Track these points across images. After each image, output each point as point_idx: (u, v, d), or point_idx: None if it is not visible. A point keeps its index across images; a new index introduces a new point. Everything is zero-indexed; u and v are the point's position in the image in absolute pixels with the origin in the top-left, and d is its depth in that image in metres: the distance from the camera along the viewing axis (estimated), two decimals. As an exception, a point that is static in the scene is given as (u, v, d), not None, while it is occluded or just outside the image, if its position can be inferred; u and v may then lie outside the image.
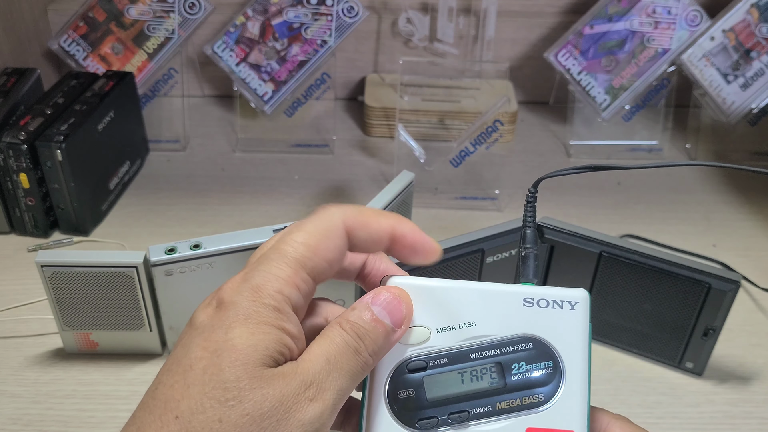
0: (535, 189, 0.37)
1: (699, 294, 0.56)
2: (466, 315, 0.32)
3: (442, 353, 0.31)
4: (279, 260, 0.30)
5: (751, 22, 0.84)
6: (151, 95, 0.89)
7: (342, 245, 0.31)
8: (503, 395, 0.31)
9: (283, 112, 0.90)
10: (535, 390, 0.31)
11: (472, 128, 0.80)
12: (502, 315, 0.32)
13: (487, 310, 0.32)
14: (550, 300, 0.32)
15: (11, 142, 0.69)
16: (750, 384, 0.61)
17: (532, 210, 0.37)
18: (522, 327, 0.32)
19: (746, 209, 0.82)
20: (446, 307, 0.32)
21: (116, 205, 0.80)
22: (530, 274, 0.35)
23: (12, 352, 0.61)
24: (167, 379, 0.28)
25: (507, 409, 0.31)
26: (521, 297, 0.32)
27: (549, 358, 0.31)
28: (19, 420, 0.56)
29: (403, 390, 0.31)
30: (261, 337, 0.28)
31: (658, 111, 0.91)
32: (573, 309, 0.32)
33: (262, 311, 0.29)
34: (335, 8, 0.85)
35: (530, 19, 0.96)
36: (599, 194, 0.84)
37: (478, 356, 0.31)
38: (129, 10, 0.86)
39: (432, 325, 0.32)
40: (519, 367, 0.31)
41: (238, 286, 0.29)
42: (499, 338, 0.31)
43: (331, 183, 0.85)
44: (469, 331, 0.32)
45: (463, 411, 0.31)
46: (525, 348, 0.32)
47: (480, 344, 0.31)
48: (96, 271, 0.55)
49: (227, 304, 0.29)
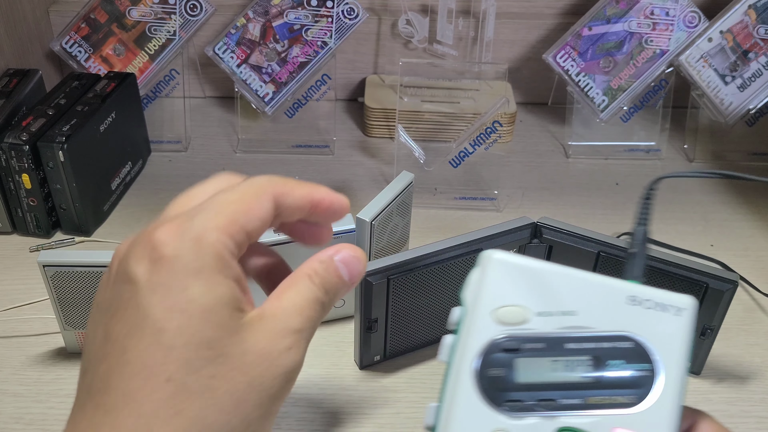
0: (653, 187, 0.35)
1: (697, 294, 0.56)
2: (569, 303, 0.31)
3: (539, 337, 0.31)
4: (211, 210, 0.30)
5: (749, 23, 0.84)
6: (152, 96, 0.90)
7: (270, 208, 0.32)
8: (595, 390, 0.30)
9: (284, 113, 0.90)
10: (628, 390, 0.30)
11: (472, 129, 0.81)
12: (605, 309, 0.31)
13: (590, 301, 0.31)
14: (657, 302, 0.31)
15: (13, 143, 0.69)
16: (747, 383, 0.61)
17: (646, 207, 0.35)
18: (623, 325, 0.31)
19: (744, 209, 0.83)
20: (549, 291, 0.31)
21: (118, 206, 0.81)
22: (638, 272, 0.34)
23: (14, 352, 0.62)
24: (136, 343, 0.28)
25: (596, 405, 0.30)
26: (627, 294, 0.31)
27: (646, 360, 0.30)
28: (21, 419, 0.56)
29: (494, 368, 0.30)
30: (220, 290, 0.29)
31: (656, 112, 0.91)
32: (678, 315, 0.31)
33: (211, 263, 0.29)
34: (335, 10, 0.85)
35: (529, 20, 0.97)
36: (598, 194, 0.85)
37: (574, 347, 0.31)
38: (130, 11, 0.86)
39: (533, 308, 0.31)
40: (615, 364, 0.30)
41: (177, 237, 0.29)
42: (599, 332, 0.31)
43: (331, 183, 0.86)
44: (569, 320, 0.31)
45: (552, 399, 0.30)
46: (623, 347, 0.31)
47: (578, 335, 0.31)
48: (98, 271, 0.55)
49: (170, 258, 0.28)
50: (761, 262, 0.74)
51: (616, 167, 0.90)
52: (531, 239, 0.61)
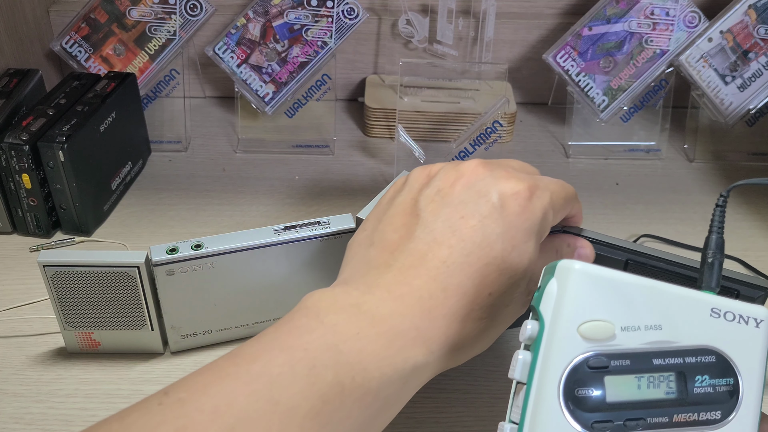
0: (727, 193, 0.35)
1: None
2: (653, 317, 0.30)
3: (625, 353, 0.30)
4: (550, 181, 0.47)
5: (749, 23, 0.85)
6: (152, 96, 0.90)
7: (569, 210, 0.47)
8: (682, 407, 0.29)
9: (284, 113, 0.91)
10: (714, 406, 0.29)
11: (472, 129, 0.81)
12: (689, 322, 0.30)
13: (673, 314, 0.30)
14: (737, 314, 0.30)
15: (13, 143, 0.69)
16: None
17: (721, 215, 0.35)
18: (707, 338, 0.30)
19: (744, 209, 0.83)
20: (633, 305, 0.30)
21: (118, 206, 0.81)
22: (713, 283, 0.33)
23: (14, 352, 0.62)
24: (426, 236, 0.41)
25: (683, 423, 0.29)
26: (709, 306, 0.30)
27: (731, 375, 0.30)
28: (21, 419, 0.56)
29: (582, 387, 0.29)
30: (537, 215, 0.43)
31: (656, 112, 0.91)
32: (758, 327, 0.30)
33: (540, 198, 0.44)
34: (336, 10, 0.85)
35: (529, 20, 0.97)
36: (598, 194, 0.85)
37: (660, 362, 0.30)
38: (131, 11, 0.86)
39: (617, 323, 0.30)
40: (702, 380, 0.30)
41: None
42: (683, 346, 0.30)
43: (331, 183, 0.86)
44: (655, 335, 0.30)
45: (641, 419, 0.29)
46: (708, 361, 0.30)
47: (664, 349, 0.30)
48: (98, 270, 0.55)
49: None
50: (761, 262, 0.74)
51: (616, 167, 0.90)
52: None
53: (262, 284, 0.60)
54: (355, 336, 0.35)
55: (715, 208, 0.35)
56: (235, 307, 0.60)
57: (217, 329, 0.61)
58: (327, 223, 0.59)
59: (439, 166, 0.44)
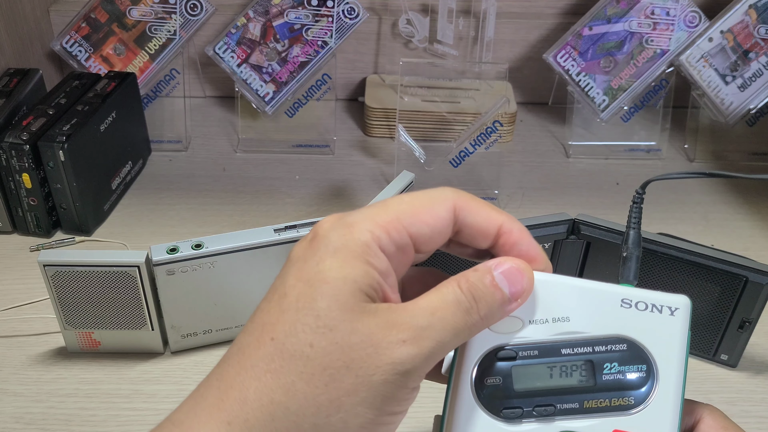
0: (643, 190, 0.36)
1: (736, 287, 0.57)
2: (561, 310, 0.31)
3: (533, 345, 0.31)
4: (378, 207, 0.31)
5: (750, 23, 0.84)
6: (152, 96, 0.90)
7: (446, 217, 0.31)
8: (592, 394, 0.31)
9: (284, 113, 0.90)
10: (626, 392, 0.30)
11: (472, 129, 0.81)
12: (598, 313, 0.31)
13: (582, 306, 0.31)
14: (650, 303, 0.31)
15: (14, 143, 0.69)
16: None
17: (638, 211, 0.36)
18: (617, 327, 0.31)
19: (744, 209, 0.83)
20: (541, 299, 0.31)
21: (118, 205, 0.81)
22: (630, 275, 0.34)
23: (14, 351, 0.62)
24: (264, 306, 0.30)
25: (595, 409, 0.30)
26: (619, 297, 0.31)
27: (643, 361, 0.31)
28: (21, 419, 0.56)
29: (491, 377, 0.31)
30: (350, 270, 0.29)
31: (656, 112, 0.91)
32: (672, 315, 0.31)
33: (351, 246, 0.30)
34: (336, 9, 0.85)
35: (529, 20, 0.97)
36: (598, 194, 0.85)
37: (569, 352, 0.31)
38: (131, 11, 0.86)
39: (525, 317, 0.31)
40: (611, 367, 0.31)
41: (333, 222, 0.31)
42: (593, 336, 0.31)
43: (331, 183, 0.86)
44: (562, 326, 0.31)
45: (550, 405, 0.31)
46: (619, 349, 0.31)
47: (572, 340, 0.31)
48: (98, 270, 0.55)
49: (320, 238, 0.30)
50: (761, 261, 0.74)
51: (617, 167, 0.90)
52: (568, 235, 0.61)
53: (262, 284, 0.60)
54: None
55: (632, 205, 0.36)
56: (235, 306, 0.60)
57: (217, 329, 0.61)
58: (327, 222, 0.59)
59: None
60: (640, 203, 0.36)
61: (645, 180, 0.36)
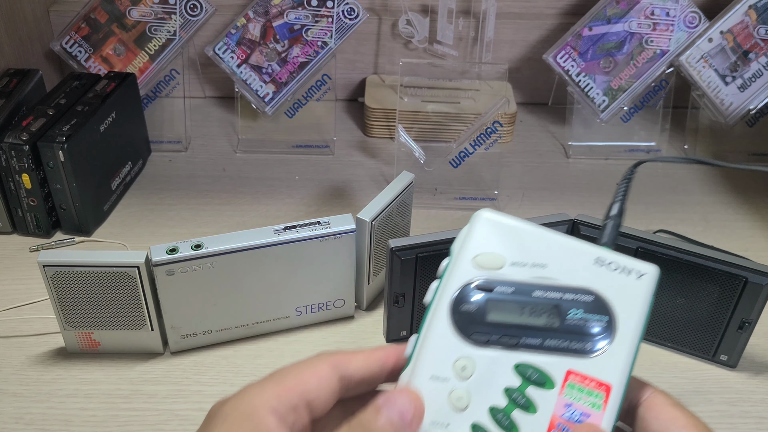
0: (635, 168, 0.39)
1: (735, 288, 0.57)
2: (540, 257, 0.34)
3: (510, 283, 0.34)
4: (270, 381, 0.32)
5: (749, 23, 0.84)
6: (152, 96, 0.90)
7: (328, 372, 0.33)
8: (555, 334, 0.33)
9: (284, 113, 0.90)
10: (585, 338, 0.33)
11: (472, 129, 0.81)
12: (573, 266, 0.34)
13: (560, 257, 0.34)
14: (621, 266, 0.34)
15: (14, 143, 0.69)
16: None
17: (625, 186, 0.38)
18: (588, 281, 0.34)
19: (744, 209, 0.83)
20: (525, 245, 0.34)
21: (118, 206, 0.81)
22: (608, 240, 0.37)
23: (14, 352, 0.62)
24: None
25: (554, 348, 0.33)
26: (595, 255, 0.34)
27: (605, 313, 0.33)
28: (21, 419, 0.56)
29: (467, 304, 0.34)
30: None
31: (656, 112, 0.91)
32: (639, 279, 0.33)
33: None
34: (336, 10, 0.85)
35: (529, 20, 0.97)
36: (598, 195, 0.85)
37: (541, 294, 0.34)
38: (131, 11, 0.86)
39: (508, 257, 0.34)
40: (576, 313, 0.33)
41: (230, 407, 0.31)
42: (565, 284, 0.34)
43: (331, 183, 0.86)
44: (539, 271, 0.34)
45: (515, 337, 0.33)
46: (585, 299, 0.33)
47: (546, 285, 0.34)
48: (98, 270, 0.55)
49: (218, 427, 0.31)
50: (761, 261, 0.74)
51: (616, 167, 0.90)
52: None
53: (262, 284, 0.60)
54: None
55: (622, 180, 0.39)
56: (235, 307, 0.60)
57: (217, 329, 0.61)
58: (327, 223, 0.59)
59: None
60: (630, 180, 0.39)
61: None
